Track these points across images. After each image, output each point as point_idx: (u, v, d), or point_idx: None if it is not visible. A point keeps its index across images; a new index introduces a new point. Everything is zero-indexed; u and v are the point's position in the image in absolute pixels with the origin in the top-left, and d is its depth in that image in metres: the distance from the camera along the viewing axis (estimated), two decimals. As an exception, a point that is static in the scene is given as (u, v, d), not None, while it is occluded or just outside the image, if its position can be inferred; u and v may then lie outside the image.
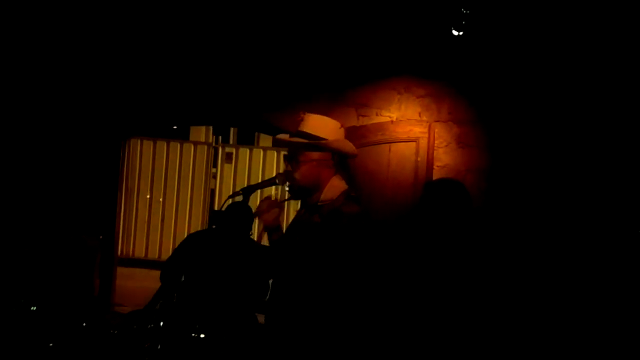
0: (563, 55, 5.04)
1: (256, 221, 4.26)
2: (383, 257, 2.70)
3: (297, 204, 6.28)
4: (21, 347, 3.41)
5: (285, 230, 2.74)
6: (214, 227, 3.61)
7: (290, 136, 2.73)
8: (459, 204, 2.85)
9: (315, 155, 2.65)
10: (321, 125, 2.68)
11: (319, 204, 2.66)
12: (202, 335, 3.17)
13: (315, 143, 2.64)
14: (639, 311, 4.50)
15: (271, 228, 2.67)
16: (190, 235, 4.59)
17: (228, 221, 4.00)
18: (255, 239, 2.80)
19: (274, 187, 2.84)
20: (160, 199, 9.62)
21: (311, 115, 2.73)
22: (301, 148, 2.66)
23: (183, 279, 3.97)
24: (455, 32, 4.83)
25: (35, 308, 3.58)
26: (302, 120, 2.71)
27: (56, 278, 5.31)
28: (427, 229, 2.86)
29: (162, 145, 9.62)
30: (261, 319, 4.11)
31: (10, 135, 5.48)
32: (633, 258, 4.68)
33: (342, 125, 2.75)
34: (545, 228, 4.92)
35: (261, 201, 2.71)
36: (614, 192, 4.88)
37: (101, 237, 5.55)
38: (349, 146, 2.73)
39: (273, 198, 2.71)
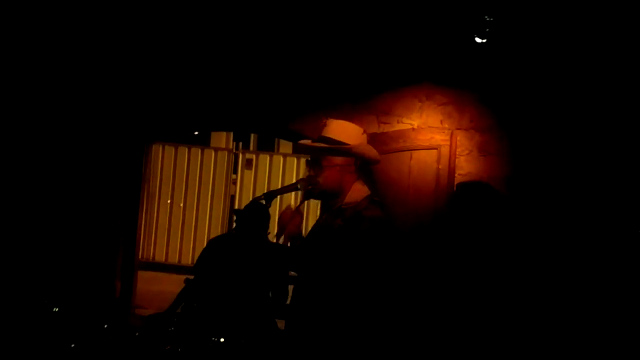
0: (586, 64, 5.00)
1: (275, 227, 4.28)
2: (406, 262, 2.69)
3: (317, 209, 6.20)
4: (43, 347, 3.45)
5: (307, 235, 2.74)
6: (234, 227, 3.64)
7: (313, 142, 2.74)
8: (493, 206, 2.84)
9: (338, 160, 2.65)
10: (344, 131, 2.69)
11: (342, 207, 2.65)
12: (222, 340, 3.18)
13: (338, 148, 2.65)
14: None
15: (294, 236, 2.69)
16: (210, 241, 4.62)
17: (248, 220, 4.03)
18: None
19: (293, 193, 2.84)
20: (181, 204, 9.68)
21: (334, 120, 2.73)
22: (324, 153, 2.66)
23: (204, 283, 3.99)
24: (478, 40, 4.82)
25: (57, 309, 3.62)
26: (324, 125, 2.72)
27: (78, 280, 5.36)
28: (460, 230, 2.84)
29: (183, 150, 9.69)
30: (281, 324, 4.13)
31: (35, 141, 5.56)
32: None
33: (364, 131, 2.76)
34: (567, 235, 4.88)
35: (282, 212, 2.72)
36: (634, 197, 4.83)
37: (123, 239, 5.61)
38: (372, 152, 2.73)
39: (293, 206, 2.72)
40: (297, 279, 2.74)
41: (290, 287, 4.18)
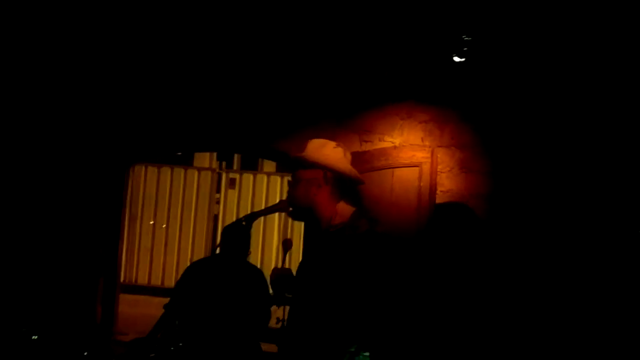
0: (566, 82, 5.06)
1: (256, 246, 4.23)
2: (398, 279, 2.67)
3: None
4: (22, 376, 3.37)
5: (306, 266, 2.65)
6: (217, 248, 3.63)
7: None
8: (470, 226, 2.85)
9: (304, 174, 2.61)
10: (316, 147, 2.65)
11: (331, 230, 2.56)
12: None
13: (296, 158, 2.62)
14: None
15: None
16: (192, 264, 4.58)
17: (228, 242, 4.01)
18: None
19: (277, 214, 2.84)
20: (164, 225, 9.61)
21: (313, 140, 2.71)
22: (291, 166, 2.66)
23: (185, 307, 3.95)
24: (456, 59, 4.86)
25: (36, 337, 3.55)
26: (305, 145, 2.72)
27: (58, 305, 5.27)
28: (439, 249, 2.84)
29: (166, 171, 9.64)
30: (265, 347, 4.09)
31: (14, 162, 5.50)
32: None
33: (337, 145, 2.69)
34: (548, 253, 4.90)
35: (272, 273, 2.72)
36: (616, 212, 4.87)
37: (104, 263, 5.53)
38: (338, 162, 2.62)
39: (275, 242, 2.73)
40: (304, 305, 2.58)
41: (273, 309, 4.16)
